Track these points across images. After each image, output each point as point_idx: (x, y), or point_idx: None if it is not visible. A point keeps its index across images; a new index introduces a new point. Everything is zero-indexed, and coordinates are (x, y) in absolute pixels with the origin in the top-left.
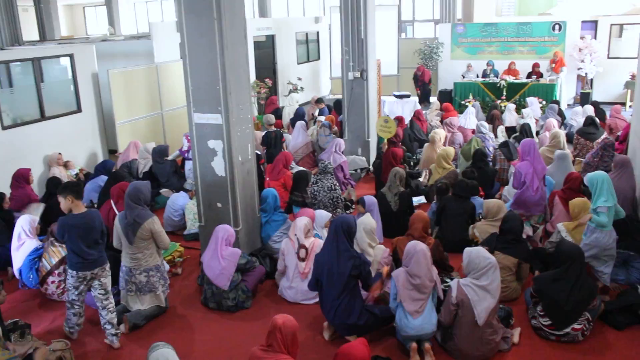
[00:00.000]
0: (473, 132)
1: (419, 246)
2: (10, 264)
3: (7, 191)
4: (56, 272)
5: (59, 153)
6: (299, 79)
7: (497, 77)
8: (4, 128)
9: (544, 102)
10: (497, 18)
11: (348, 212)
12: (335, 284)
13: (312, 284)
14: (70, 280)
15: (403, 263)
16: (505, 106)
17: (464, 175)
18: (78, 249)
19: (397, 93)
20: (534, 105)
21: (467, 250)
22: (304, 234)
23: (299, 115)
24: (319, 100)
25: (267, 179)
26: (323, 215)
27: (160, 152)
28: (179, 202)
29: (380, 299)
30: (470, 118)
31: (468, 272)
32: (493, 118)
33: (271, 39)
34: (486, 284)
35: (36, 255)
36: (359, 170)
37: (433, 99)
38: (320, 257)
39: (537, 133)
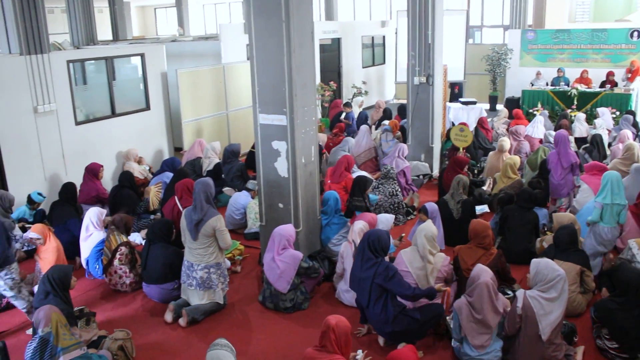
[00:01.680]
0: (540, 141)
1: (482, 276)
2: (78, 254)
3: (79, 182)
4: (115, 262)
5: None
6: (364, 82)
7: (567, 85)
8: (77, 124)
9: (617, 113)
10: (570, 24)
11: (409, 218)
12: (363, 292)
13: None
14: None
15: (466, 292)
16: (575, 116)
17: (530, 186)
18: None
19: (462, 99)
20: (605, 115)
21: (536, 261)
22: (360, 237)
23: (361, 118)
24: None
25: (329, 181)
26: (386, 219)
27: (232, 152)
28: (241, 200)
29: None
30: (538, 127)
31: (535, 284)
32: (562, 128)
33: (337, 42)
34: (554, 296)
35: (102, 247)
36: (421, 177)
37: (500, 107)
38: (352, 266)
39: (609, 145)
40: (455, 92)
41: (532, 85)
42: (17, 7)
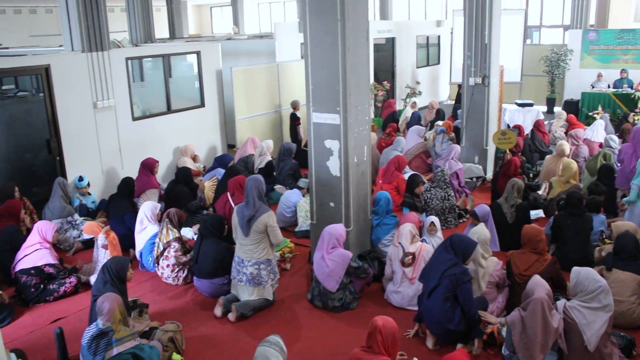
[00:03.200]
0: (600, 145)
1: (537, 292)
2: (132, 246)
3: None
4: (168, 255)
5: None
6: (417, 82)
7: (631, 87)
8: (134, 119)
9: None
10: (635, 24)
11: (461, 221)
12: (430, 280)
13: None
14: None
15: (521, 305)
16: (638, 120)
17: (590, 191)
18: None
19: (519, 101)
20: None
21: (576, 270)
22: (410, 240)
23: (414, 119)
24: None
25: (380, 182)
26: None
27: (287, 150)
28: (292, 199)
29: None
30: (599, 130)
31: (575, 294)
32: (623, 132)
33: (391, 41)
34: (596, 306)
35: (156, 240)
36: (474, 179)
37: (558, 109)
38: (427, 262)
39: None
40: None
41: (593, 87)
42: (80, 6)
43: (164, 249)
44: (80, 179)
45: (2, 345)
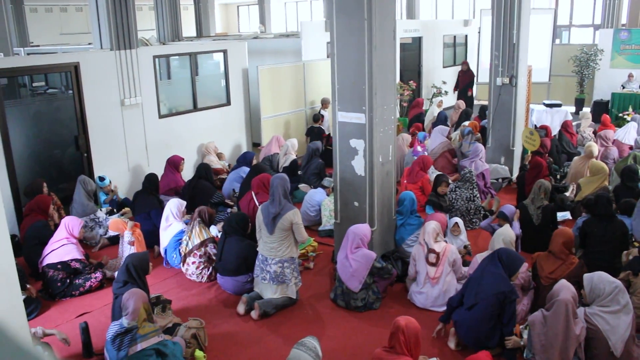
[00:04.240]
0: (631, 148)
1: (563, 294)
2: (157, 243)
3: (160, 174)
4: (198, 253)
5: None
6: (444, 82)
7: None
8: (161, 117)
9: None
10: None
11: None
12: (474, 293)
13: (455, 299)
14: None
15: (545, 306)
16: None
17: (634, 193)
18: None
19: (547, 102)
20: None
21: (588, 276)
22: (433, 238)
23: (440, 119)
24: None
25: (405, 182)
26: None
27: (316, 150)
28: (316, 197)
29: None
30: (630, 132)
31: (592, 300)
32: None
33: (418, 41)
34: (617, 308)
35: (181, 237)
36: (500, 180)
37: (583, 110)
38: (473, 274)
39: None
40: (469, 95)
41: (623, 87)
42: (110, 5)
43: (192, 249)
44: (101, 179)
45: (30, 338)
